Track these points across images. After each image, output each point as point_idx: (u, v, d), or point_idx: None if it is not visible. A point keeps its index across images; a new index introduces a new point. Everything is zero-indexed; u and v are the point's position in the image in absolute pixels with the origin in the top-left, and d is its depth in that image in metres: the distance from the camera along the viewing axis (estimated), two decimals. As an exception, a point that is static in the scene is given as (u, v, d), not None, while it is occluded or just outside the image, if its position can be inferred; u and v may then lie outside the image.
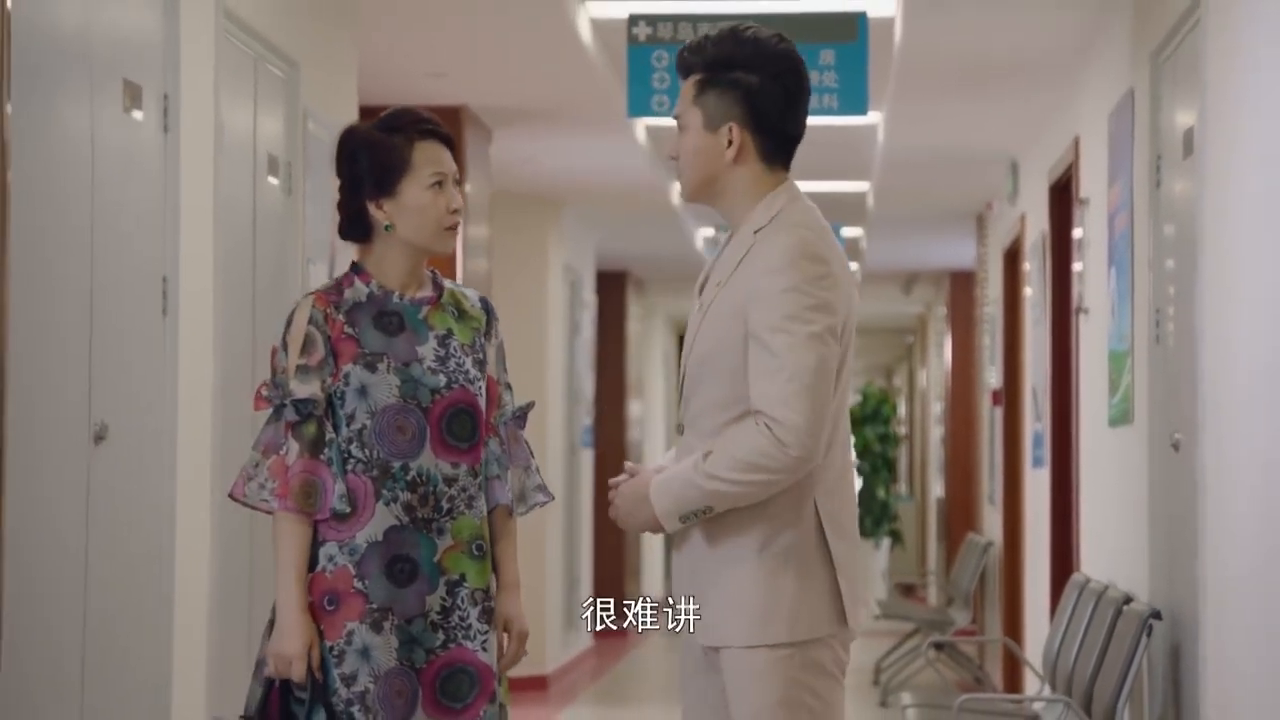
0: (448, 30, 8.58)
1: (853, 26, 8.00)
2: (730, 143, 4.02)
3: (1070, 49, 8.68)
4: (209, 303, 6.25)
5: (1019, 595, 11.75)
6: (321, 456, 4.09)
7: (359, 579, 4.10)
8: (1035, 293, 10.61)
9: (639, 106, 8.18)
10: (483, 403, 4.24)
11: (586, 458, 15.86)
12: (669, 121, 10.68)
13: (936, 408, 19.67)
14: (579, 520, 15.30)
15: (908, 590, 21.14)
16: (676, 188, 13.87)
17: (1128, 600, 6.92)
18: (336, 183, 4.31)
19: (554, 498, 4.47)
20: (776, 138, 4.04)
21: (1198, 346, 6.02)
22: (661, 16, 8.18)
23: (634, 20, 8.18)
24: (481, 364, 4.25)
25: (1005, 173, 11.92)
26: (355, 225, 4.24)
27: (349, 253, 7.89)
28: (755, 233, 4.00)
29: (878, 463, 23.85)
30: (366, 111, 9.00)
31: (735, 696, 3.99)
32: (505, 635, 4.26)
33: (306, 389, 4.10)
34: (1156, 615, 6.42)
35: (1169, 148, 6.68)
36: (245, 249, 6.71)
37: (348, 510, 4.10)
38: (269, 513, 4.13)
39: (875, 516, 20.92)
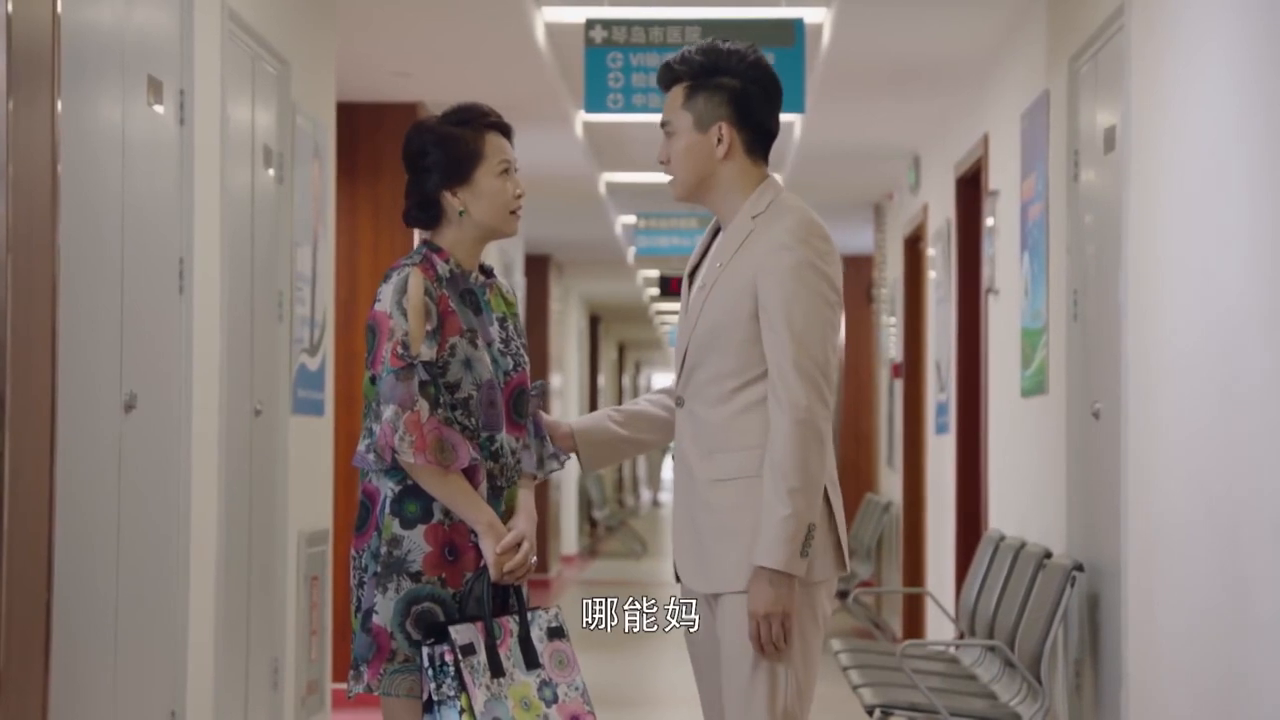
0: (413, 34, 8.54)
1: (791, 32, 8.00)
2: (720, 140, 4.06)
3: (982, 55, 8.75)
4: (217, 283, 6.20)
5: (921, 550, 11.83)
6: (437, 416, 4.05)
7: (471, 533, 4.08)
8: (940, 275, 10.67)
9: (595, 104, 8.15)
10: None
11: (518, 425, 15.84)
12: (609, 118, 10.70)
13: (828, 380, 19.76)
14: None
15: (800, 546, 21.21)
16: (605, 178, 13.90)
17: (1048, 554, 6.98)
18: (330, 171, 4.23)
19: (564, 464, 4.46)
20: (759, 134, 4.08)
21: (1121, 323, 6.08)
22: (616, 21, 8.16)
23: (590, 24, 8.16)
24: (525, 347, 4.25)
25: (907, 166, 11.98)
26: (425, 211, 4.19)
27: (329, 237, 7.90)
28: (754, 218, 4.04)
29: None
30: (342, 107, 8.97)
31: (731, 639, 3.99)
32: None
33: (429, 354, 4.04)
34: (1079, 568, 6.48)
35: (1088, 144, 6.75)
36: (245, 233, 6.66)
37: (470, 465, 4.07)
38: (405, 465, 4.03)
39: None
